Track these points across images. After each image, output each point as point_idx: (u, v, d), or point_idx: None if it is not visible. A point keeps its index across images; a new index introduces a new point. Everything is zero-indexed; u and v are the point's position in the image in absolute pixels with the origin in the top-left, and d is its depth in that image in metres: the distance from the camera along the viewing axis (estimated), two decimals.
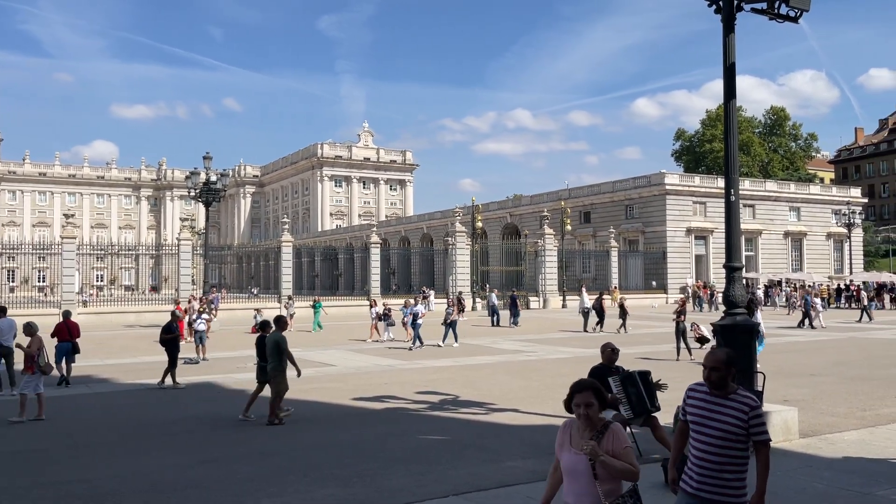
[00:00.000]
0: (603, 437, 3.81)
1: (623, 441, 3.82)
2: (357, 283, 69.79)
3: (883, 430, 9.50)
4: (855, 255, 61.28)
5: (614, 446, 3.78)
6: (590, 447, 3.74)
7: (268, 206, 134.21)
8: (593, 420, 3.87)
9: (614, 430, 3.84)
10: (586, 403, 3.86)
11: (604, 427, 3.84)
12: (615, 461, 3.73)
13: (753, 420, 3.97)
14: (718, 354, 4.21)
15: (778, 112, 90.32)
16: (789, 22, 8.90)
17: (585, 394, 3.88)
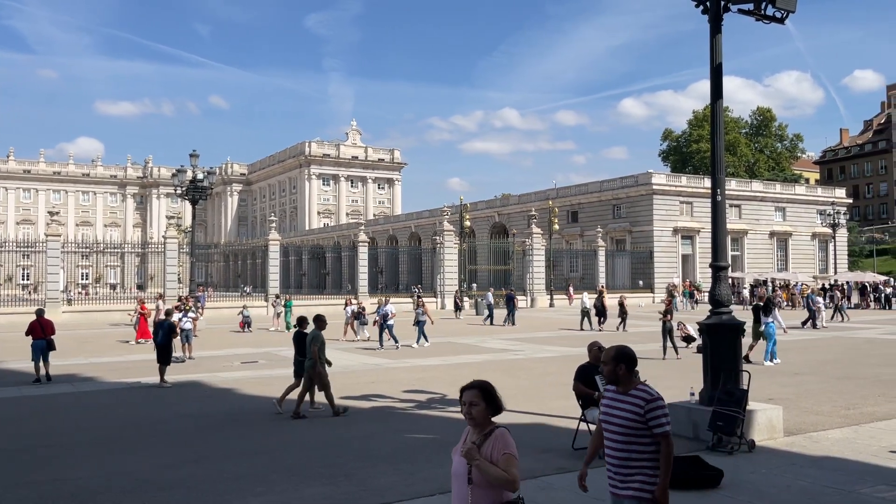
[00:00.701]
0: (486, 441, 3.65)
1: (505, 447, 3.62)
2: (345, 282, 69.59)
3: (867, 428, 9.59)
4: (839, 255, 61.78)
5: (494, 452, 3.60)
6: (466, 449, 3.61)
7: (255, 204, 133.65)
8: (478, 421, 3.72)
9: (499, 434, 3.67)
10: (471, 402, 3.71)
11: (490, 431, 3.69)
12: (491, 467, 3.55)
13: (650, 413, 3.95)
14: (609, 350, 4.24)
15: (764, 113, 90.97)
16: (775, 23, 8.97)
17: (471, 393, 3.75)
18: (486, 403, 3.72)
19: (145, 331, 23.60)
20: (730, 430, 8.19)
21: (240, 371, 16.59)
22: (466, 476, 3.63)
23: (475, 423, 3.73)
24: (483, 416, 3.72)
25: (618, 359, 4.13)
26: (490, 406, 3.73)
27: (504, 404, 3.84)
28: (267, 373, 16.18)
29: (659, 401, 4.03)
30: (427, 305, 22.95)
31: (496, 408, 3.77)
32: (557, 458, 8.17)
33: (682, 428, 9.08)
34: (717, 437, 8.30)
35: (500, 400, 3.81)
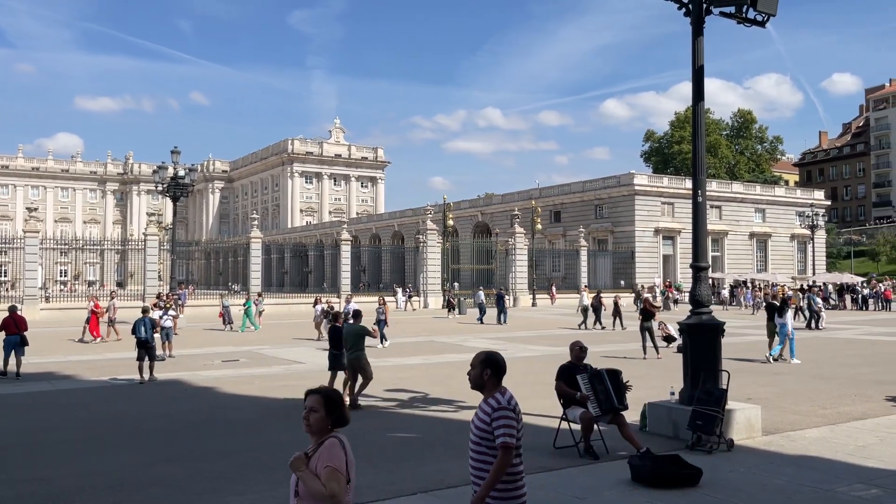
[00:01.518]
0: (317, 451, 3.49)
1: (330, 458, 3.42)
2: (327, 281, 69.42)
3: (843, 427, 9.71)
4: (818, 257, 62.55)
5: (319, 463, 3.42)
6: (292, 458, 3.46)
7: (237, 201, 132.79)
8: (314, 428, 3.55)
9: (328, 445, 3.49)
10: (310, 408, 3.55)
11: (324, 440, 3.52)
12: (312, 480, 3.37)
13: (495, 422, 3.88)
14: (478, 355, 4.16)
15: (745, 115, 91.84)
16: (756, 26, 9.05)
17: (313, 398, 3.58)
18: (326, 411, 3.54)
19: (96, 328, 23.43)
20: (709, 429, 8.26)
21: (221, 370, 16.49)
22: (294, 488, 3.49)
23: (311, 430, 3.56)
24: (320, 425, 3.54)
25: (485, 364, 4.06)
26: (331, 415, 3.55)
27: (349, 416, 3.64)
28: (248, 371, 16.09)
29: (506, 410, 3.92)
30: (388, 305, 22.76)
31: (338, 418, 3.58)
32: (538, 456, 8.20)
33: (662, 427, 9.16)
34: (696, 436, 8.36)
35: (344, 409, 3.61)
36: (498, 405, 3.94)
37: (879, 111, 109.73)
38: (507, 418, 3.90)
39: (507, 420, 3.90)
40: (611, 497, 6.61)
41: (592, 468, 7.63)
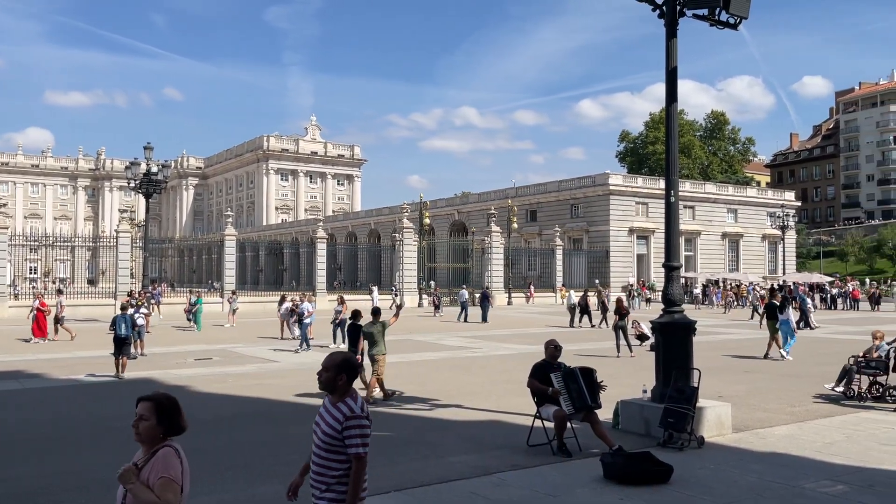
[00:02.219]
0: (149, 462, 3.25)
1: (164, 469, 3.20)
2: (302, 279, 68.95)
3: (811, 424, 9.88)
4: (788, 257, 63.52)
5: (152, 475, 3.18)
6: (121, 470, 3.21)
7: (211, 198, 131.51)
8: (144, 437, 3.30)
9: (161, 455, 3.26)
10: (140, 416, 3.31)
11: (157, 449, 3.28)
12: (144, 492, 3.14)
13: (347, 430, 3.71)
14: (335, 356, 3.95)
15: (718, 116, 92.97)
16: (729, 28, 9.17)
17: (143, 405, 3.34)
18: (157, 419, 3.31)
19: (43, 328, 22.69)
20: (680, 426, 8.36)
21: (193, 368, 16.33)
22: (121, 501, 3.25)
23: (141, 439, 3.33)
24: (151, 434, 3.30)
25: (341, 368, 3.87)
26: (162, 423, 3.31)
27: (186, 425, 3.41)
28: (221, 370, 15.96)
29: (360, 419, 3.75)
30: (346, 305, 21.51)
31: (171, 426, 3.34)
32: (512, 454, 8.24)
33: (634, 424, 9.25)
34: (667, 434, 8.46)
35: (178, 419, 3.38)
36: (351, 413, 3.75)
37: (849, 114, 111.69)
38: (361, 427, 3.74)
39: (362, 429, 3.75)
40: (583, 494, 6.66)
41: (565, 466, 7.68)
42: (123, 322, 15.15)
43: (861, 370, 11.99)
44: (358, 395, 3.89)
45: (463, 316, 33.17)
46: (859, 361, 12.15)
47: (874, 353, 12.21)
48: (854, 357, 12.40)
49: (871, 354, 12.22)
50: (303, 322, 20.21)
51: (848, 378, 12.06)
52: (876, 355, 12.13)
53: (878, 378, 11.80)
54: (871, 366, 11.92)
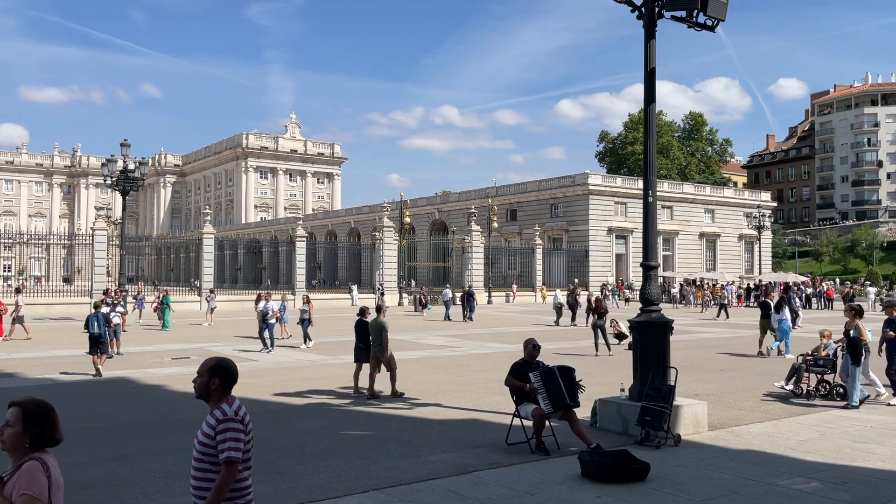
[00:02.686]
0: (15, 475, 3.00)
1: (28, 485, 2.92)
2: (282, 277, 68.58)
3: (785, 422, 10.01)
4: (764, 257, 64.27)
5: (15, 490, 2.92)
6: None
7: (189, 196, 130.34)
8: (8, 446, 3.03)
9: (28, 468, 2.98)
10: (6, 422, 3.04)
11: (23, 462, 3.01)
12: None
13: (220, 435, 3.58)
14: (207, 360, 3.81)
15: (696, 117, 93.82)
16: (706, 30, 9.25)
17: (11, 411, 3.07)
18: (23, 427, 3.02)
19: None
20: (657, 424, 8.43)
21: (170, 367, 16.18)
22: None
23: (5, 447, 3.04)
24: (15, 442, 3.01)
25: (214, 372, 3.70)
26: (29, 431, 3.02)
27: (60, 436, 3.17)
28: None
29: (233, 422, 3.61)
30: (312, 304, 21.32)
31: (40, 436, 3.05)
32: (490, 452, 8.26)
33: (612, 423, 9.31)
34: (645, 432, 8.53)
35: (49, 428, 3.09)
36: (224, 416, 3.62)
37: (824, 116, 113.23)
38: (233, 430, 3.60)
39: (234, 433, 3.60)
40: (560, 492, 6.70)
41: (543, 464, 7.71)
42: (96, 320, 15.28)
43: (810, 368, 12.14)
44: (235, 400, 3.73)
45: (448, 314, 33.29)
46: (808, 360, 12.30)
47: (822, 352, 12.36)
48: (803, 355, 12.57)
49: (819, 353, 12.36)
50: (267, 322, 19.42)
51: (797, 376, 12.21)
52: (824, 353, 12.28)
53: (826, 376, 11.98)
54: (819, 364, 12.08)
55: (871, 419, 10.16)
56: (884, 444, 8.63)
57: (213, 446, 3.60)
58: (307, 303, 21.04)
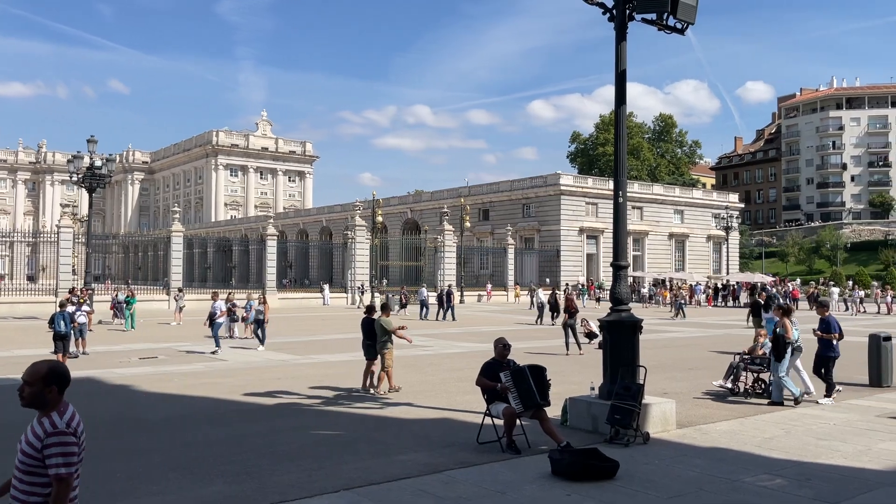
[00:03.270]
0: None
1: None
2: (252, 276, 67.99)
3: (751, 420, 10.17)
4: (732, 257, 65.25)
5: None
6: None
7: (158, 194, 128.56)
8: None
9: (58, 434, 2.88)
10: None
11: None
12: None
13: (47, 449, 3.27)
14: (38, 367, 3.46)
15: (666, 119, 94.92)
16: (676, 33, 9.37)
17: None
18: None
19: None
20: (626, 422, 8.52)
21: (138, 367, 15.95)
22: None
23: None
24: None
25: (49, 380, 3.40)
26: None
27: None
28: (166, 369, 15.62)
29: (64, 435, 3.32)
30: (268, 303, 20.84)
31: None
32: (461, 451, 8.28)
33: (582, 421, 9.39)
34: (614, 430, 8.61)
35: None
36: (54, 429, 3.31)
37: (790, 119, 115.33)
38: (63, 444, 3.30)
39: (65, 447, 3.30)
40: (531, 490, 6.73)
41: (514, 462, 7.75)
42: (62, 319, 15.08)
43: (747, 367, 12.33)
44: (68, 408, 3.46)
45: (424, 313, 33.49)
46: (745, 359, 12.49)
47: (759, 351, 12.55)
48: (739, 354, 12.77)
49: (755, 352, 12.54)
50: (215, 322, 18.97)
51: (735, 375, 12.39)
52: (760, 352, 12.46)
53: (762, 375, 12.18)
54: (756, 362, 12.28)
55: (834, 417, 10.37)
56: (846, 441, 8.82)
57: (39, 459, 3.29)
58: (263, 303, 20.50)
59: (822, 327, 12.02)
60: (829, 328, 11.96)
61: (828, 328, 11.96)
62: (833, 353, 11.94)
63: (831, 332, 11.92)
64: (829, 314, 12.28)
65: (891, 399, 11.77)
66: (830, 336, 11.91)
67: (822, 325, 12.04)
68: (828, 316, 12.15)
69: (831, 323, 12.00)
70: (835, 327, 11.97)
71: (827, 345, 11.95)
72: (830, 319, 12.08)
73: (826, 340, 11.95)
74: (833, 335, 11.91)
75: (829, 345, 11.94)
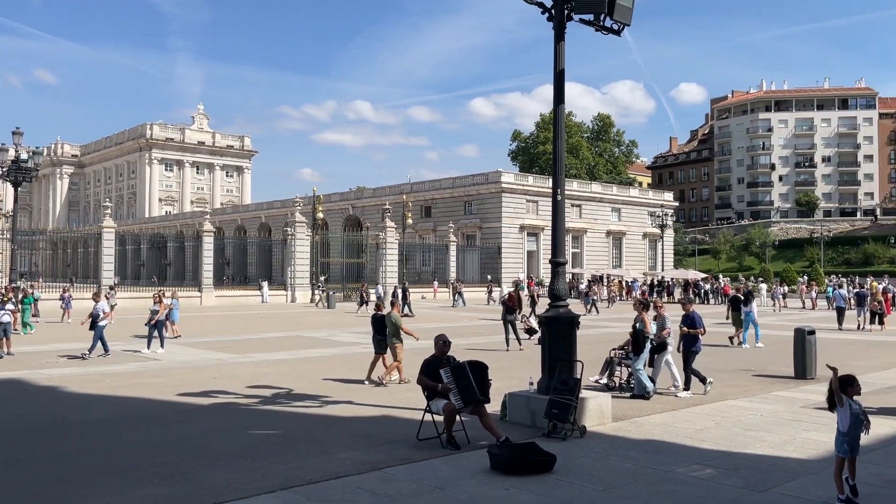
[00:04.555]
0: None
1: None
2: (188, 274, 66.45)
3: (683, 413, 10.47)
4: (666, 254, 67.02)
5: None
6: None
7: (88, 188, 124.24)
8: None
9: None
10: None
11: None
12: None
13: None
14: None
15: (604, 119, 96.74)
16: (613, 34, 9.55)
17: None
18: None
19: None
20: (564, 416, 8.66)
21: (66, 367, 15.38)
22: None
23: None
24: None
25: None
26: None
27: None
28: (97, 369, 15.11)
29: None
30: (165, 303, 18.86)
31: None
32: (401, 448, 8.27)
33: (521, 416, 9.50)
34: (552, 424, 8.74)
35: None
36: None
37: (722, 120, 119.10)
38: None
39: None
40: (469, 486, 6.78)
41: (453, 458, 7.79)
42: None
43: (622, 361, 12.54)
44: None
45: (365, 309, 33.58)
46: (619, 354, 12.67)
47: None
48: (615, 349, 12.90)
49: (629, 347, 12.59)
50: (97, 324, 17.11)
51: (610, 370, 12.59)
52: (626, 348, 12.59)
53: None
54: (630, 357, 12.37)
55: (761, 408, 10.77)
56: (773, 431, 9.16)
57: None
58: (158, 302, 18.43)
59: (688, 322, 12.14)
60: (694, 324, 12.12)
61: (693, 324, 12.12)
62: (696, 349, 12.09)
63: (696, 327, 12.10)
64: (693, 310, 12.44)
65: (814, 391, 12.26)
66: (696, 331, 12.08)
67: (687, 321, 12.15)
68: (692, 312, 12.31)
69: (696, 319, 12.18)
70: (699, 323, 12.17)
71: (692, 340, 12.09)
72: (695, 315, 12.25)
73: (691, 335, 12.08)
74: (699, 330, 12.10)
75: (694, 339, 12.09)
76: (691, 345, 12.16)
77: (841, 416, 6.06)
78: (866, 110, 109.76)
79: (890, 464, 7.47)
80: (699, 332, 12.18)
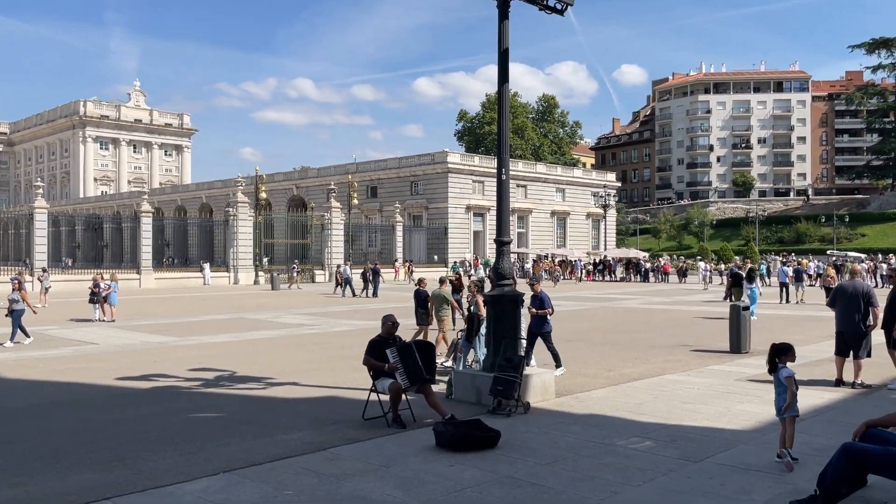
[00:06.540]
0: None
1: None
2: (126, 256, 64.68)
3: (624, 387, 10.74)
4: (609, 234, 68.26)
5: None
6: None
7: (18, 167, 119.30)
8: None
9: None
10: None
11: None
12: None
13: None
14: None
15: (549, 100, 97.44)
16: (556, 14, 9.59)
17: None
18: None
19: None
20: (508, 393, 8.77)
21: (12, 351, 14.82)
22: None
23: None
24: None
25: None
26: None
27: None
28: (30, 354, 14.61)
29: None
30: (25, 291, 17.03)
31: None
32: (347, 428, 8.26)
33: (466, 394, 9.59)
34: (497, 401, 8.85)
35: None
36: None
37: (663, 102, 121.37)
38: None
39: None
40: (415, 463, 6.83)
41: (399, 437, 7.82)
42: None
43: None
44: None
45: (349, 291, 34.13)
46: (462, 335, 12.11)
47: None
48: (463, 331, 12.37)
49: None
50: (14, 311, 16.11)
51: (455, 353, 12.00)
52: None
53: None
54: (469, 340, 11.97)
55: (698, 382, 11.12)
56: (708, 404, 9.47)
57: None
58: (18, 289, 16.60)
59: (536, 304, 11.91)
60: (542, 304, 11.95)
61: (542, 304, 11.95)
62: (547, 328, 11.92)
63: (545, 307, 11.91)
64: (541, 290, 12.19)
65: (749, 364, 12.71)
66: (544, 311, 11.88)
67: (536, 302, 11.92)
68: (540, 292, 12.08)
69: (544, 299, 12.01)
70: (547, 303, 12.00)
71: (540, 321, 11.88)
72: (543, 296, 12.05)
73: (539, 316, 11.87)
74: (547, 311, 11.90)
75: (542, 320, 11.88)
76: (542, 326, 11.88)
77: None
78: (800, 93, 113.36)
79: (817, 431, 7.81)
80: (548, 313, 11.92)
